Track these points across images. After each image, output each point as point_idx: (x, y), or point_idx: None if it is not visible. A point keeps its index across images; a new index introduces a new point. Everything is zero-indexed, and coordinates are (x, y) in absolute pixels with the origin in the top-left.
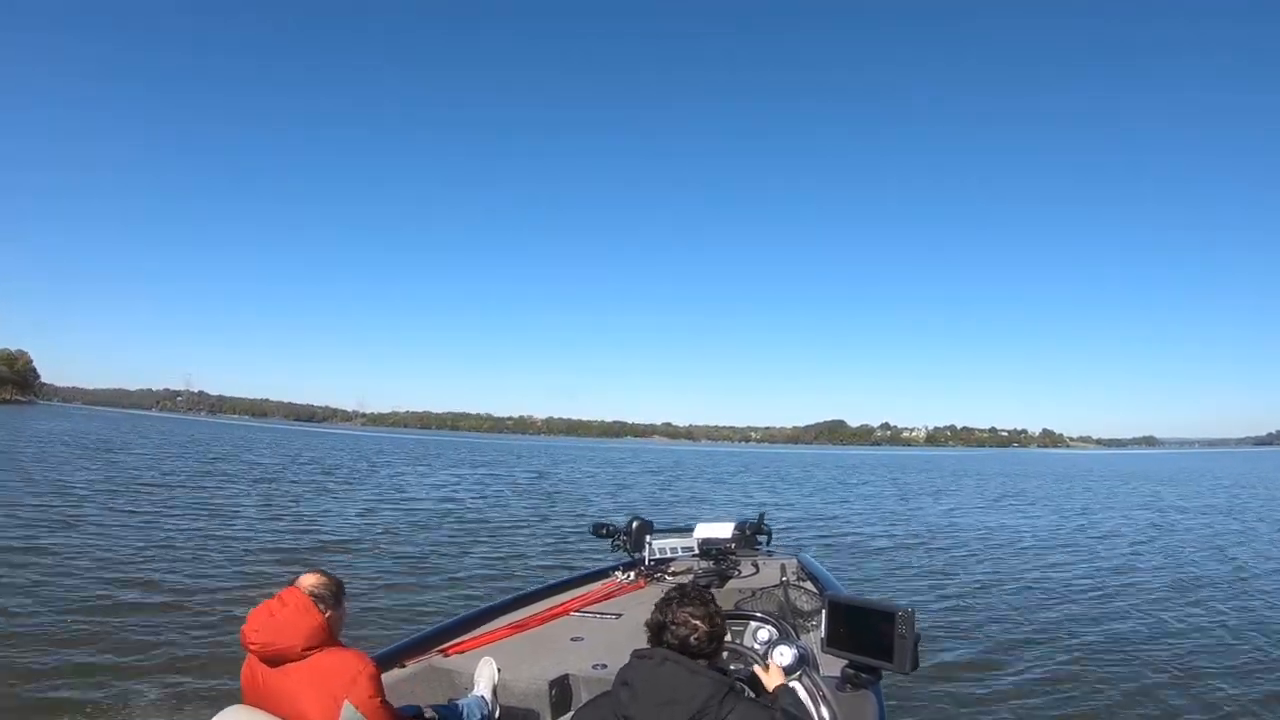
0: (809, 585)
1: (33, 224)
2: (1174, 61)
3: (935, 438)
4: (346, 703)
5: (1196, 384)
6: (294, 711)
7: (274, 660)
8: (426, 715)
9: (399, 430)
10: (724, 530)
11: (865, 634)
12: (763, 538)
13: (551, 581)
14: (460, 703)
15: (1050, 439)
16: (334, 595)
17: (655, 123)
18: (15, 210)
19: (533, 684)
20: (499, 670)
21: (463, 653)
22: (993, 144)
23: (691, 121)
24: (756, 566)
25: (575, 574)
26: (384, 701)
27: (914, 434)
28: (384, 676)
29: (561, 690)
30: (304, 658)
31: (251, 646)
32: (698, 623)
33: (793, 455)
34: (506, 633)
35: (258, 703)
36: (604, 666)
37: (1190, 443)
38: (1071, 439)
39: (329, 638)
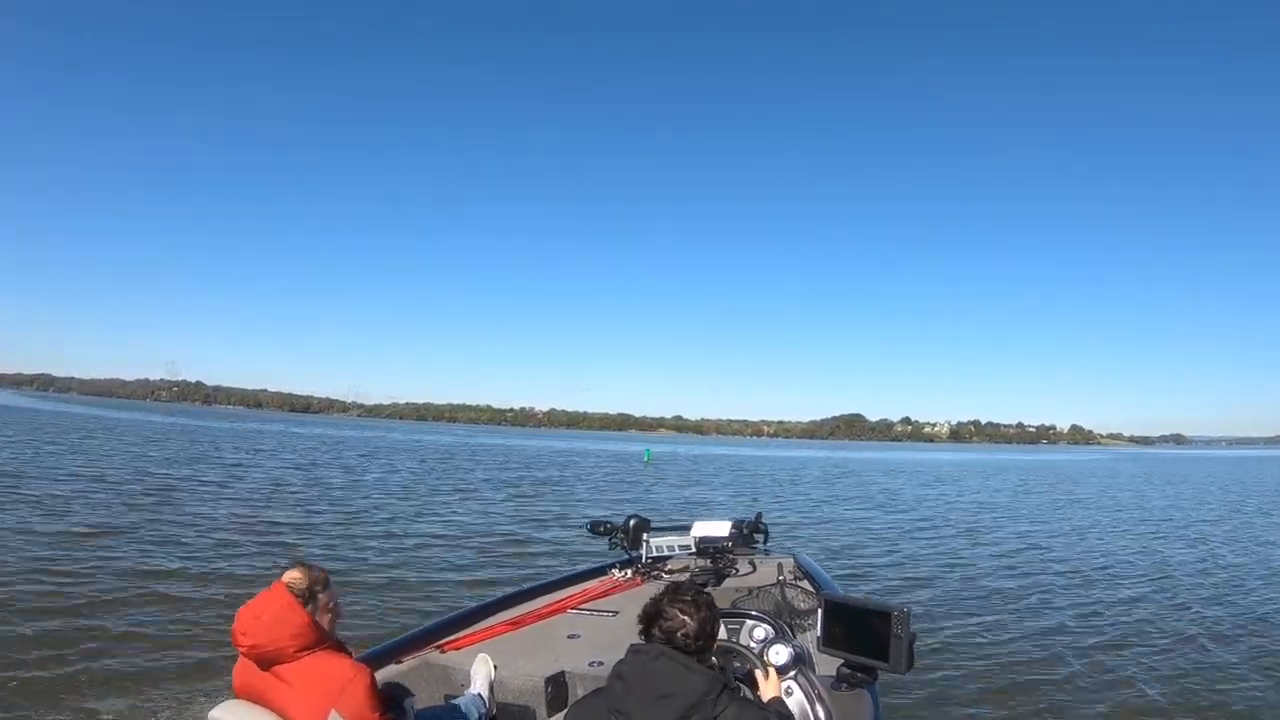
0: (805, 584)
1: (29, 218)
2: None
3: (959, 433)
4: (334, 712)
5: (1226, 382)
6: (284, 712)
7: (266, 661)
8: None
9: (394, 423)
10: (721, 529)
11: (861, 634)
12: (760, 536)
13: (548, 578)
14: (457, 700)
15: (1080, 435)
16: (318, 589)
17: (671, 120)
18: (13, 202)
19: (529, 681)
20: (495, 667)
21: (459, 649)
22: (1014, 141)
23: (708, 119)
24: (753, 565)
25: (572, 571)
26: (376, 712)
27: (936, 429)
28: (380, 672)
29: (558, 687)
30: (297, 658)
31: (241, 649)
32: (687, 619)
33: (817, 460)
34: (503, 629)
35: (248, 699)
36: (600, 664)
37: (1217, 441)
38: (1102, 436)
39: (321, 635)
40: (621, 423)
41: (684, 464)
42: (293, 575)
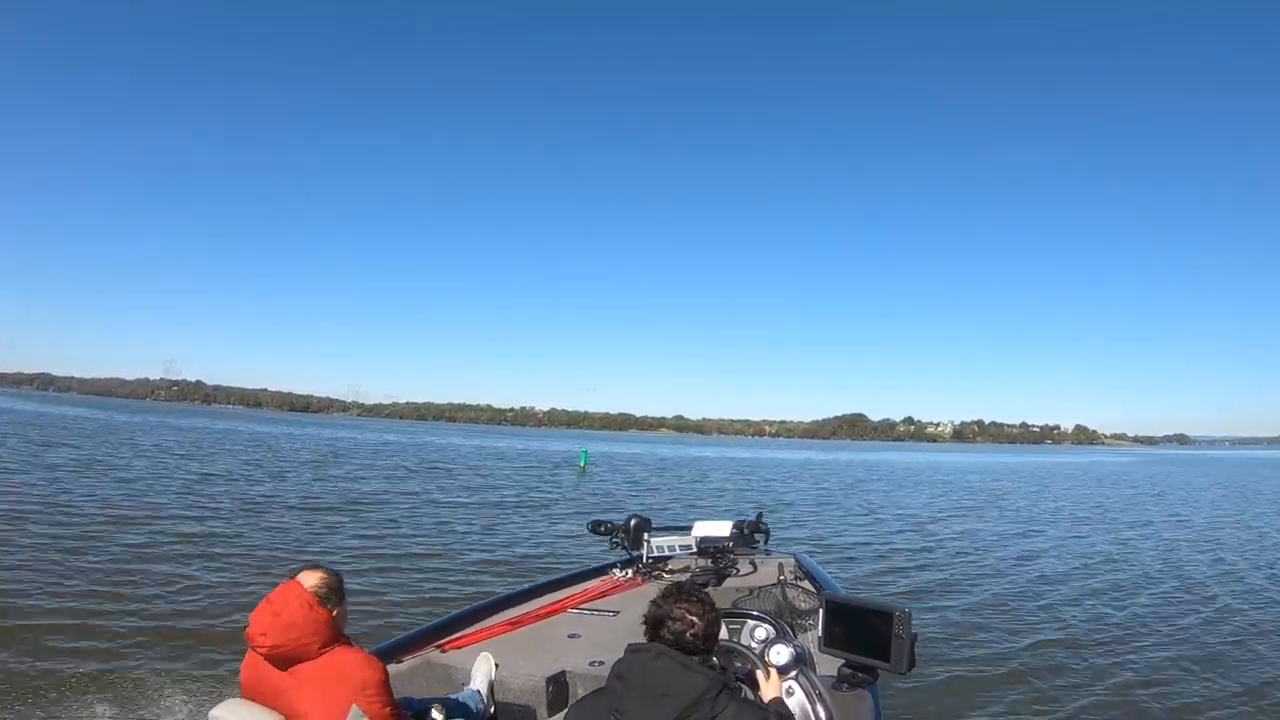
0: (807, 585)
1: (29, 218)
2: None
3: (962, 433)
4: (354, 707)
5: (1228, 382)
6: (295, 710)
7: (288, 660)
8: (433, 715)
9: (394, 422)
10: (722, 529)
11: (862, 634)
12: (760, 536)
13: (549, 578)
14: (455, 695)
15: (1085, 435)
16: (336, 591)
17: (671, 120)
18: (13, 202)
19: (529, 680)
20: (496, 666)
21: (460, 648)
22: (1014, 141)
23: (709, 119)
24: (754, 565)
25: (573, 571)
26: (393, 708)
27: (939, 429)
28: None
29: (558, 687)
30: (320, 655)
31: (261, 650)
32: (694, 619)
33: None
34: (504, 629)
35: (258, 698)
36: (601, 664)
37: (1220, 441)
38: (1106, 436)
39: (336, 634)
40: (622, 422)
41: (645, 471)
42: (318, 576)
